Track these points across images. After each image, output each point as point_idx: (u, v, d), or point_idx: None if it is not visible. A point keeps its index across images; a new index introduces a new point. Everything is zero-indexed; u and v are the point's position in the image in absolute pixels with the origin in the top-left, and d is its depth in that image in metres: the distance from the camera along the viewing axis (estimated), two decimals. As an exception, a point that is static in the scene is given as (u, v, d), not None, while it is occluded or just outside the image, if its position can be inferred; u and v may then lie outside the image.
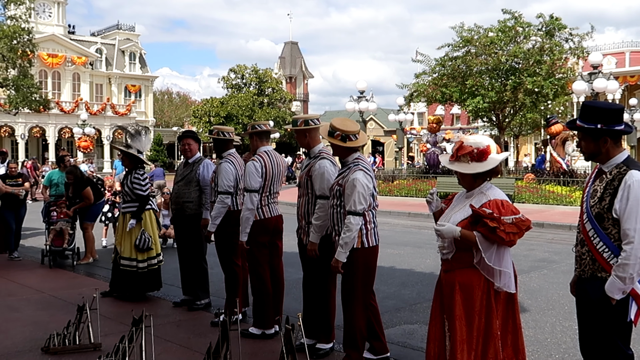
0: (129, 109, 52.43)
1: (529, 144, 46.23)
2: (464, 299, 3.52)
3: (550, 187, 19.49)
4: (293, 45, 69.98)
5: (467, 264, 3.55)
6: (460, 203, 3.72)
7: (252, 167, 5.45)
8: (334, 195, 4.62)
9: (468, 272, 3.55)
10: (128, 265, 7.06)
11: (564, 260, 9.30)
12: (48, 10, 50.96)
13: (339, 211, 4.56)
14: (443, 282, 3.69)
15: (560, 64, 23.48)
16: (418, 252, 10.48)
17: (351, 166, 4.57)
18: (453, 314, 3.53)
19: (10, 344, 5.45)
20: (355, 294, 4.56)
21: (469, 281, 3.53)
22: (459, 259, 3.58)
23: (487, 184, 3.66)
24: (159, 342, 5.09)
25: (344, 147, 4.64)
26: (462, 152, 3.63)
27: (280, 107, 55.54)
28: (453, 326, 3.52)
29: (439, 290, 3.75)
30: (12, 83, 32.00)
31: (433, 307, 3.78)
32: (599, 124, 3.22)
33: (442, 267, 3.76)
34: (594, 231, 3.22)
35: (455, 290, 3.55)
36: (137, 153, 7.17)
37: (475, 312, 3.50)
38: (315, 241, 4.86)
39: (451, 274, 3.61)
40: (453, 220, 3.61)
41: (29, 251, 10.92)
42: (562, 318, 6.34)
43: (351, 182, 4.44)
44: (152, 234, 7.19)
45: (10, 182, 10.18)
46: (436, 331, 3.69)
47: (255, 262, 5.54)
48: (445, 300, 3.62)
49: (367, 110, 26.45)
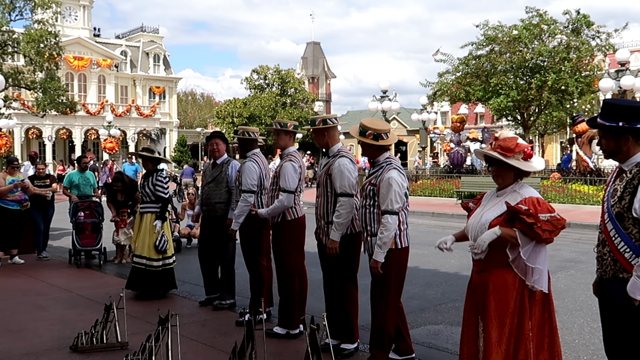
0: (154, 111, 52.99)
1: (555, 142, 45.64)
2: (498, 300, 3.48)
3: (577, 186, 19.21)
4: (315, 45, 70.07)
5: (502, 263, 3.51)
6: (491, 201, 3.67)
7: (291, 167, 5.46)
8: (366, 195, 4.59)
9: (502, 272, 3.51)
10: (140, 264, 7.21)
11: (591, 261, 9.07)
12: (74, 14, 51.78)
13: (372, 211, 4.54)
14: (476, 282, 3.65)
15: (586, 61, 23.13)
16: (441, 253, 10.42)
17: (384, 165, 4.56)
18: (487, 315, 3.50)
19: (39, 343, 5.54)
20: (387, 296, 4.53)
21: (503, 281, 3.49)
22: (492, 259, 3.53)
23: (519, 183, 3.64)
24: (184, 341, 5.13)
25: (376, 146, 4.62)
26: (518, 148, 3.59)
27: (303, 107, 55.60)
28: (487, 327, 3.49)
29: (472, 291, 3.70)
30: (40, 86, 32.52)
31: (466, 308, 3.73)
32: (620, 122, 3.17)
33: (474, 268, 3.70)
34: (615, 231, 3.17)
35: (489, 291, 3.51)
36: (159, 155, 7.34)
37: (509, 313, 3.47)
38: (337, 239, 4.85)
39: (484, 274, 3.57)
40: (485, 218, 3.57)
41: (57, 251, 11.10)
42: (590, 319, 6.24)
43: (387, 181, 4.42)
44: (167, 235, 7.33)
45: (38, 182, 10.34)
46: (469, 332, 3.65)
47: (288, 262, 5.55)
48: (479, 302, 3.59)
49: (390, 109, 26.39)
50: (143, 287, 7.24)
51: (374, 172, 4.61)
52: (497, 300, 3.48)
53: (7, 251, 9.82)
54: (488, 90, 23.84)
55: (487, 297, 3.51)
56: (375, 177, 4.56)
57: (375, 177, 4.56)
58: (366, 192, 4.60)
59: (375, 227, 4.53)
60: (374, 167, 4.65)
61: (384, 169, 4.52)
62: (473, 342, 3.61)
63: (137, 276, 7.24)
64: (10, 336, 5.76)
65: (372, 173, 4.62)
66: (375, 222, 4.53)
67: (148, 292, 7.23)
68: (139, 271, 7.23)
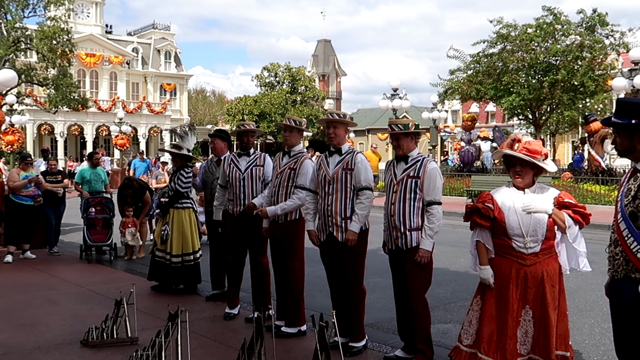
0: (165, 107, 53.13)
1: (566, 142, 45.34)
2: (550, 285, 3.88)
3: (589, 186, 19.07)
4: (326, 43, 70.02)
5: (551, 252, 3.93)
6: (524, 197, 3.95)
7: (312, 166, 5.44)
8: (405, 189, 4.61)
9: (551, 260, 3.93)
10: (162, 257, 7.31)
11: (603, 261, 9.00)
12: (86, 11, 52.02)
13: (413, 205, 4.59)
14: (527, 274, 3.90)
15: (600, 60, 22.95)
16: (452, 250, 10.38)
17: (420, 159, 4.66)
18: (545, 302, 3.86)
19: (51, 337, 5.60)
20: (424, 290, 4.68)
21: (553, 268, 3.92)
22: (545, 249, 3.90)
23: (537, 183, 4.02)
24: (194, 337, 5.16)
25: (415, 140, 4.76)
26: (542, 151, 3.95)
27: (313, 105, 55.60)
28: (546, 313, 3.85)
29: (515, 284, 3.91)
30: (52, 82, 32.77)
31: (510, 301, 3.91)
32: (634, 120, 3.18)
33: (520, 262, 3.91)
34: (628, 231, 3.16)
35: (544, 279, 3.88)
36: (187, 152, 7.40)
37: (558, 296, 3.91)
38: (357, 231, 4.86)
39: (537, 265, 3.90)
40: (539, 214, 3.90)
41: (68, 246, 11.18)
42: (601, 320, 6.21)
43: (432, 172, 4.58)
44: (191, 232, 7.35)
45: (50, 178, 10.42)
46: (513, 323, 3.91)
47: (300, 260, 5.58)
48: (531, 291, 3.89)
49: (400, 107, 26.27)
50: (161, 280, 7.36)
51: (410, 166, 4.65)
52: (550, 286, 3.88)
53: (20, 246, 9.90)
54: (499, 88, 23.71)
55: (543, 284, 3.87)
56: (414, 169, 4.61)
57: (414, 169, 4.61)
58: (405, 185, 4.61)
59: (415, 221, 4.58)
60: (407, 161, 4.68)
61: (422, 162, 4.63)
62: (513, 336, 3.89)
63: (157, 269, 7.35)
64: (23, 330, 5.82)
65: (409, 167, 4.65)
66: (415, 216, 4.58)
67: (165, 286, 7.37)
68: (158, 264, 7.33)
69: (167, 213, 7.34)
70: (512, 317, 3.90)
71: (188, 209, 7.40)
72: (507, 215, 3.90)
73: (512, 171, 3.99)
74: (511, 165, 3.98)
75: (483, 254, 4.04)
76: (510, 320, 3.90)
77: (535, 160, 3.89)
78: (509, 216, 3.90)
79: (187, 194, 7.39)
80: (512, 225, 3.89)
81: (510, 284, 3.92)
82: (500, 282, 3.96)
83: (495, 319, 3.96)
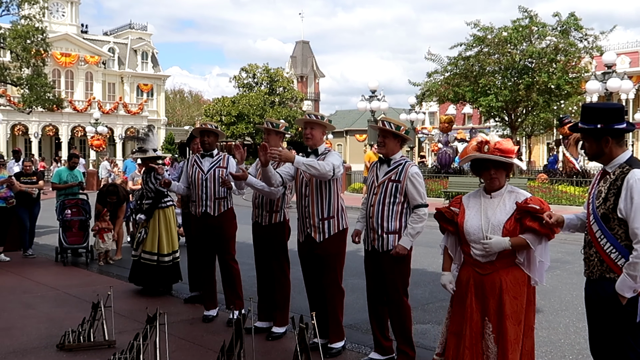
0: (141, 108, 52.66)
1: (541, 144, 45.93)
2: (512, 297, 3.59)
3: (563, 188, 19.37)
4: (304, 44, 70.04)
5: (512, 262, 3.65)
6: (488, 203, 3.72)
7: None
8: (386, 192, 4.59)
9: (513, 270, 3.65)
10: (149, 260, 7.23)
11: (577, 261, 9.20)
12: (61, 10, 51.34)
13: (392, 209, 4.58)
14: (482, 283, 3.66)
15: (574, 63, 23.31)
16: (430, 251, 10.45)
17: (402, 162, 4.65)
18: (503, 314, 3.57)
19: (26, 341, 5.51)
20: (403, 291, 4.66)
21: (515, 279, 3.62)
22: (503, 259, 3.64)
23: (508, 185, 3.78)
24: (173, 339, 5.12)
25: (400, 143, 4.73)
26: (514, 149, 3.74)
27: (292, 106, 55.58)
28: (504, 326, 3.56)
29: (473, 293, 3.69)
30: (26, 82, 32.21)
31: (468, 311, 3.69)
32: (599, 124, 3.26)
33: (477, 270, 3.69)
34: (601, 232, 3.24)
35: (503, 290, 3.60)
36: (153, 153, 7.36)
37: (522, 309, 3.61)
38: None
39: (494, 275, 3.64)
40: (497, 220, 3.63)
41: (44, 249, 11.02)
42: (576, 319, 6.30)
43: (414, 176, 4.59)
44: (171, 230, 7.35)
45: (24, 179, 10.26)
46: (473, 335, 3.66)
47: (287, 261, 5.65)
48: (487, 302, 3.63)
49: (378, 109, 26.41)
50: (146, 282, 7.29)
51: (392, 169, 4.63)
52: (511, 298, 3.58)
53: (-7, 248, 9.74)
54: (477, 91, 23.95)
55: (501, 296, 3.59)
56: (395, 173, 4.60)
57: (395, 173, 4.60)
58: (386, 188, 4.60)
59: (393, 224, 4.57)
60: (390, 164, 4.66)
61: (404, 166, 4.62)
62: (477, 345, 3.65)
63: (141, 271, 7.26)
64: (-3, 334, 5.72)
65: (390, 170, 4.64)
66: (393, 220, 4.58)
67: (152, 287, 7.31)
68: (143, 266, 7.23)
69: (152, 217, 7.26)
70: (471, 328, 3.66)
71: (171, 207, 7.44)
72: (467, 220, 3.73)
73: (485, 175, 3.72)
74: (483, 168, 3.71)
75: (446, 260, 3.95)
76: (469, 331, 3.66)
77: (512, 160, 3.66)
78: (468, 221, 3.72)
79: (167, 192, 7.35)
80: (468, 230, 3.70)
81: (469, 293, 3.71)
82: (460, 290, 3.78)
83: (457, 329, 3.80)
